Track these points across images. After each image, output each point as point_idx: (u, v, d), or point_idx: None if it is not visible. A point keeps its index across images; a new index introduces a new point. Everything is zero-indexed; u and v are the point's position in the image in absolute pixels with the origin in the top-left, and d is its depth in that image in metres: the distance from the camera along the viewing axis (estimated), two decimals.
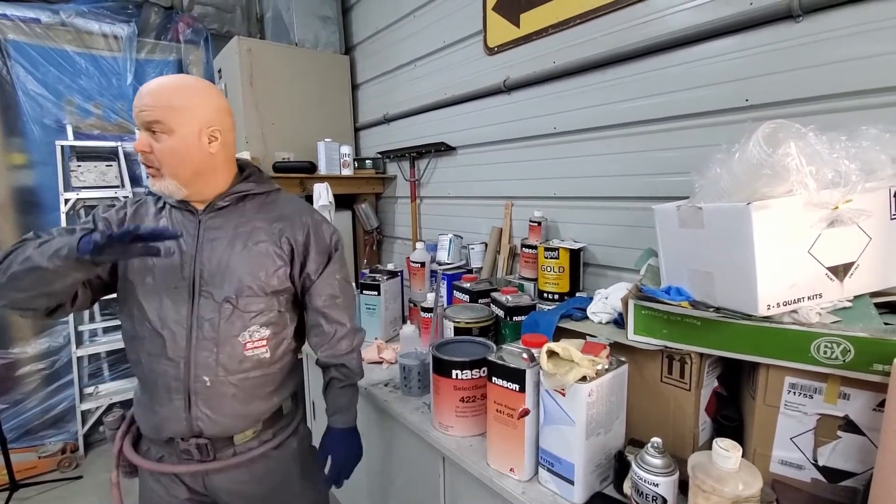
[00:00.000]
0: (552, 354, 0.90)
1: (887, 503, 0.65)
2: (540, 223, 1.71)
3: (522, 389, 0.96)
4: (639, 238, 1.48)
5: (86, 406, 2.73)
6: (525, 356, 0.99)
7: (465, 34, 2.03)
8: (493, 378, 1.01)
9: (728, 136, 0.92)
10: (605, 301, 1.18)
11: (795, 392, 0.83)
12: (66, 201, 2.61)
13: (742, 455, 0.73)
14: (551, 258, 1.56)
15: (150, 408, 1.04)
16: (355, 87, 2.90)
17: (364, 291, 1.90)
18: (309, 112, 2.70)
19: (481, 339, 1.32)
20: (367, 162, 2.66)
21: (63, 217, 2.60)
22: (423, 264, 1.96)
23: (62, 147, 2.61)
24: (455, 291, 1.73)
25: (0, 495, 2.36)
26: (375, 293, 1.88)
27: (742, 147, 0.83)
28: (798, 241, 0.82)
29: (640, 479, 0.81)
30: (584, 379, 0.87)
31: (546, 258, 1.58)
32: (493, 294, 1.53)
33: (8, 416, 2.58)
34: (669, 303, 0.92)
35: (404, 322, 1.88)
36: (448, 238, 2.06)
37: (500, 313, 1.43)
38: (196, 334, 1.00)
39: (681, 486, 0.81)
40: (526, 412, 0.96)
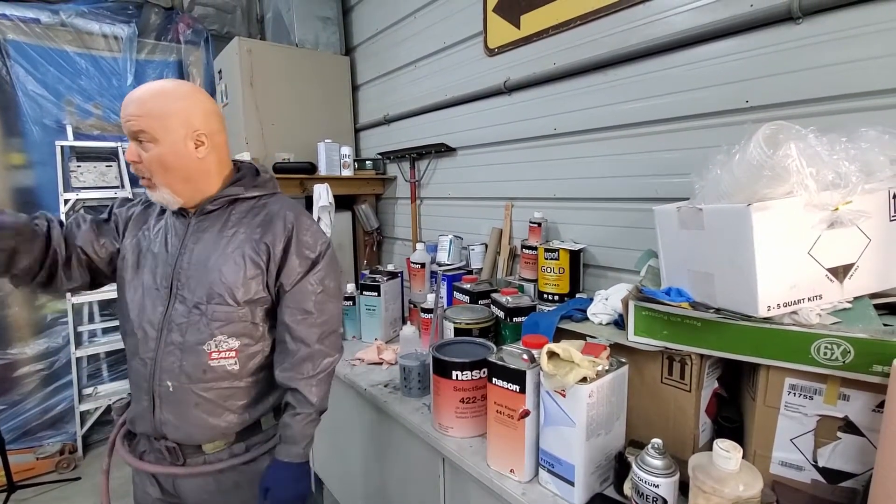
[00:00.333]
0: (552, 355, 0.90)
1: None
2: (540, 224, 1.71)
3: (523, 390, 0.96)
4: (639, 239, 1.48)
5: (85, 407, 2.72)
6: (525, 357, 0.99)
7: (466, 35, 2.03)
8: (494, 379, 1.01)
9: (728, 138, 0.93)
10: (606, 302, 1.18)
11: (795, 393, 0.83)
12: (66, 201, 2.61)
13: (742, 456, 0.73)
14: (551, 259, 1.56)
15: (132, 401, 1.07)
16: (356, 88, 2.91)
17: (364, 292, 1.90)
18: (309, 113, 2.70)
19: (481, 340, 1.32)
20: (368, 163, 2.66)
21: (63, 217, 2.59)
22: (424, 265, 1.96)
23: (62, 147, 2.61)
24: (455, 292, 1.73)
25: None
26: (375, 294, 1.88)
27: (742, 148, 0.83)
28: (798, 243, 0.82)
29: (641, 481, 0.81)
30: (585, 380, 0.87)
31: (546, 259, 1.58)
32: (494, 295, 1.54)
33: (6, 417, 2.58)
34: (670, 304, 0.92)
35: (404, 323, 1.88)
36: (448, 239, 2.06)
37: (501, 314, 1.43)
38: (165, 338, 1.00)
39: (681, 488, 0.81)
40: (526, 413, 0.96)
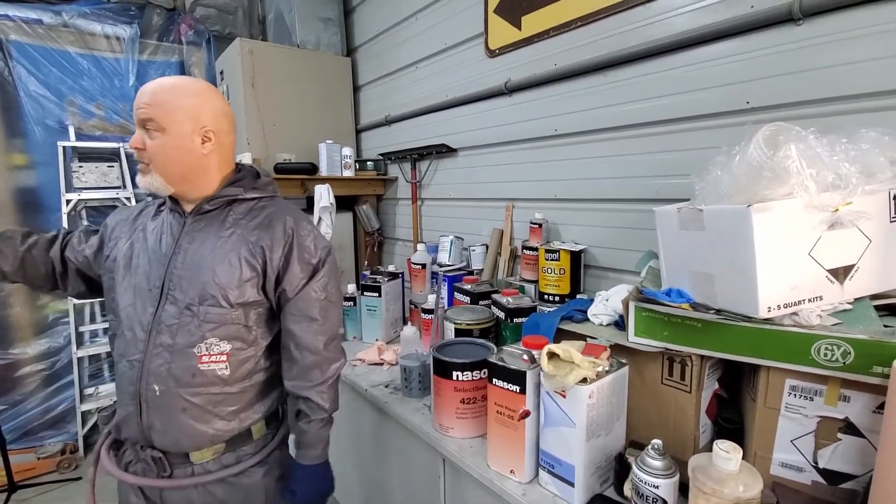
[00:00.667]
0: (553, 356, 0.90)
1: None
2: (541, 225, 1.71)
3: (523, 391, 0.96)
4: (639, 240, 1.48)
5: (86, 407, 2.73)
6: (525, 358, 0.99)
7: (467, 36, 2.03)
8: (494, 380, 1.01)
9: (729, 139, 0.93)
10: (606, 303, 1.18)
11: (796, 394, 0.83)
12: (68, 202, 2.62)
13: (742, 457, 0.74)
14: (552, 260, 1.56)
15: (118, 406, 1.04)
16: (357, 89, 2.91)
17: (365, 293, 1.90)
18: (310, 114, 2.71)
19: (482, 341, 1.32)
20: (369, 163, 2.66)
21: (64, 218, 2.60)
22: (424, 266, 1.96)
23: (64, 148, 2.62)
24: (456, 293, 1.73)
25: None
26: (376, 295, 1.88)
27: (743, 149, 0.83)
28: (798, 244, 0.82)
29: (641, 481, 0.81)
30: (585, 381, 0.88)
31: (547, 260, 1.58)
32: (494, 296, 1.54)
33: (7, 417, 2.58)
34: (670, 305, 0.92)
35: (405, 323, 1.88)
36: (449, 240, 2.06)
37: (501, 315, 1.43)
38: (154, 339, 0.98)
39: (681, 489, 0.81)
40: (526, 414, 0.96)
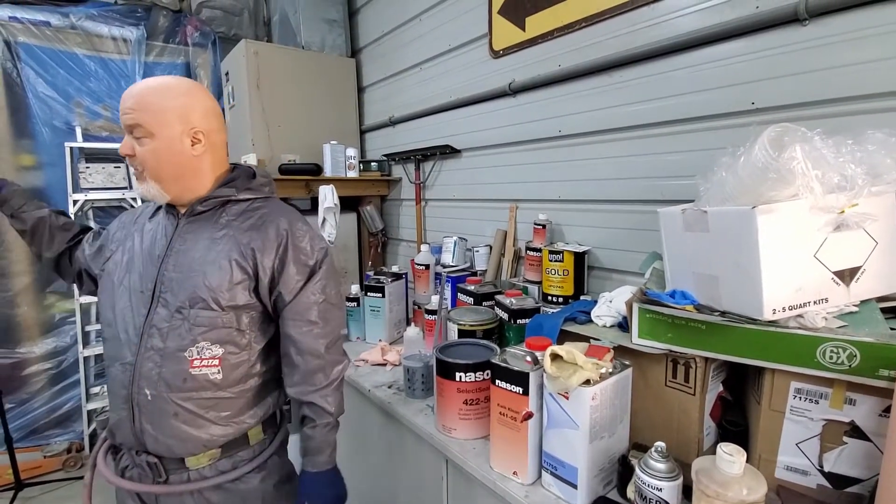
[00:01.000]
0: (556, 357, 0.90)
1: None
2: (544, 226, 1.71)
3: (526, 392, 0.96)
4: (644, 241, 1.48)
5: (92, 406, 2.74)
6: (529, 359, 0.99)
7: (471, 37, 2.03)
8: (497, 381, 1.01)
9: (734, 140, 0.92)
10: (610, 304, 1.18)
11: (801, 397, 0.83)
12: (75, 202, 2.64)
13: (747, 460, 0.73)
14: (556, 261, 1.56)
15: (111, 410, 1.03)
16: (361, 90, 2.92)
17: (368, 293, 1.91)
18: (315, 114, 2.72)
19: (485, 342, 1.32)
20: (373, 164, 2.67)
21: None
22: (428, 266, 1.96)
23: (71, 149, 2.64)
24: (459, 294, 1.73)
25: (5, 494, 2.38)
26: (380, 295, 1.88)
27: (747, 151, 0.83)
28: (804, 245, 0.82)
29: (644, 484, 0.81)
30: (588, 382, 0.87)
31: (550, 261, 1.58)
32: (498, 297, 1.54)
33: (14, 416, 2.60)
34: (674, 306, 0.92)
35: (408, 324, 1.88)
36: (452, 240, 2.06)
37: (504, 316, 1.43)
38: (145, 343, 0.96)
39: (685, 491, 0.81)
40: (529, 415, 0.96)
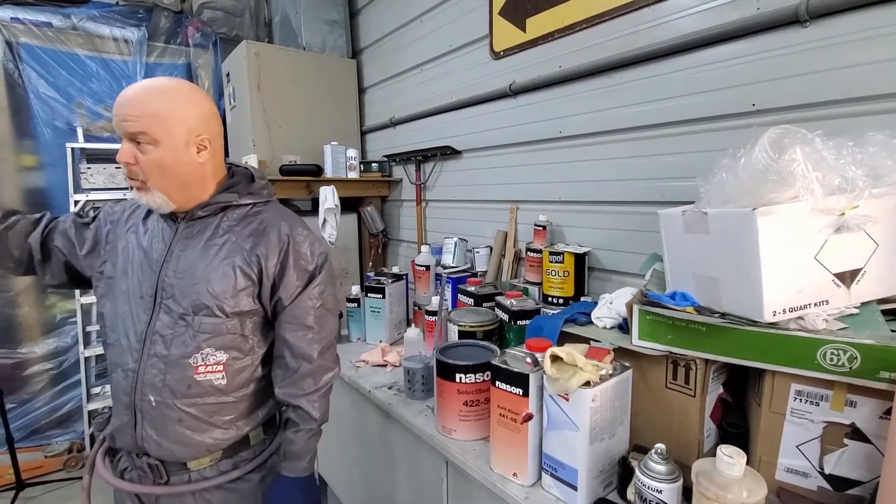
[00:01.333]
0: (556, 359, 0.90)
1: None
2: (545, 227, 1.71)
3: (526, 394, 0.96)
4: (644, 243, 1.47)
5: (93, 406, 2.74)
6: (529, 360, 0.99)
7: (472, 38, 2.03)
8: (497, 382, 1.01)
9: (734, 141, 0.92)
10: (610, 306, 1.18)
11: (801, 399, 0.83)
12: (76, 202, 2.64)
13: (747, 462, 0.73)
14: (556, 262, 1.56)
15: (112, 415, 1.02)
16: (362, 91, 2.92)
17: (369, 294, 1.91)
18: (316, 115, 2.72)
19: (485, 343, 1.31)
20: (374, 165, 2.67)
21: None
22: (428, 267, 1.96)
23: (72, 149, 2.64)
24: (459, 295, 1.73)
25: (6, 494, 2.38)
26: (380, 296, 1.88)
27: (748, 152, 0.83)
28: (804, 247, 0.82)
29: (644, 486, 0.81)
30: (588, 384, 0.87)
31: (551, 262, 1.58)
32: (498, 298, 1.53)
33: (15, 416, 2.60)
34: (674, 308, 0.92)
35: (409, 325, 1.89)
36: (453, 241, 2.06)
37: (505, 317, 1.43)
38: (148, 349, 0.95)
39: (685, 493, 0.81)
40: (529, 417, 0.96)
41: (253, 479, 1.06)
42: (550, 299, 1.59)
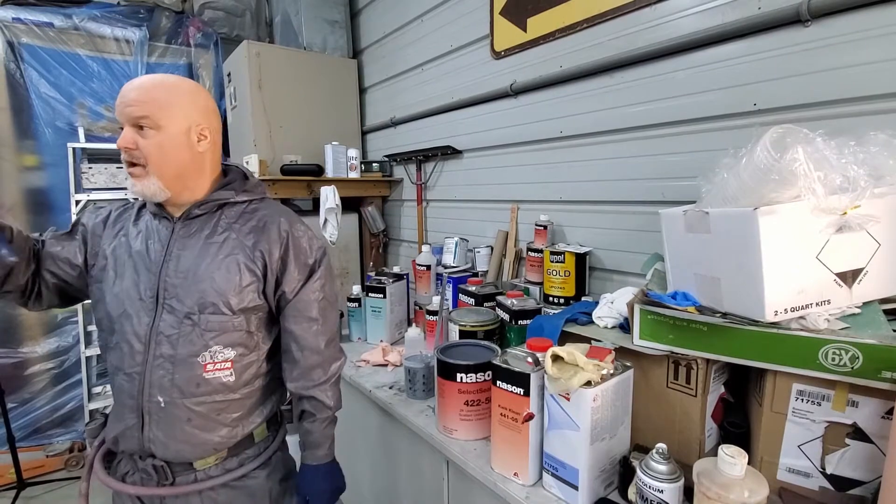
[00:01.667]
0: (557, 359, 0.90)
1: None
2: (546, 227, 1.71)
3: (527, 393, 0.96)
4: (645, 242, 1.47)
5: (94, 405, 2.74)
6: (530, 360, 0.99)
7: (473, 38, 2.03)
8: (498, 382, 1.01)
9: (735, 141, 0.92)
10: (611, 305, 1.18)
11: (803, 399, 0.83)
12: (78, 202, 2.64)
13: (749, 462, 0.73)
14: (557, 262, 1.56)
15: (113, 419, 1.01)
16: (363, 91, 2.92)
17: (370, 294, 1.91)
18: (317, 115, 2.72)
19: (486, 343, 1.31)
20: (374, 165, 2.67)
21: (74, 218, 2.62)
22: (429, 267, 1.96)
23: (74, 149, 2.64)
24: (460, 294, 1.73)
25: (7, 493, 2.39)
26: (381, 296, 1.88)
27: (749, 152, 0.83)
28: (806, 247, 0.82)
29: (645, 485, 0.81)
30: (589, 384, 0.87)
31: (552, 262, 1.58)
32: (499, 298, 1.53)
33: (17, 415, 2.60)
34: (676, 308, 0.92)
35: (409, 325, 1.89)
36: (454, 241, 2.06)
37: (506, 317, 1.43)
38: (153, 351, 0.95)
39: (686, 493, 0.81)
40: (530, 416, 0.96)
41: (259, 476, 1.07)
42: (551, 299, 1.59)
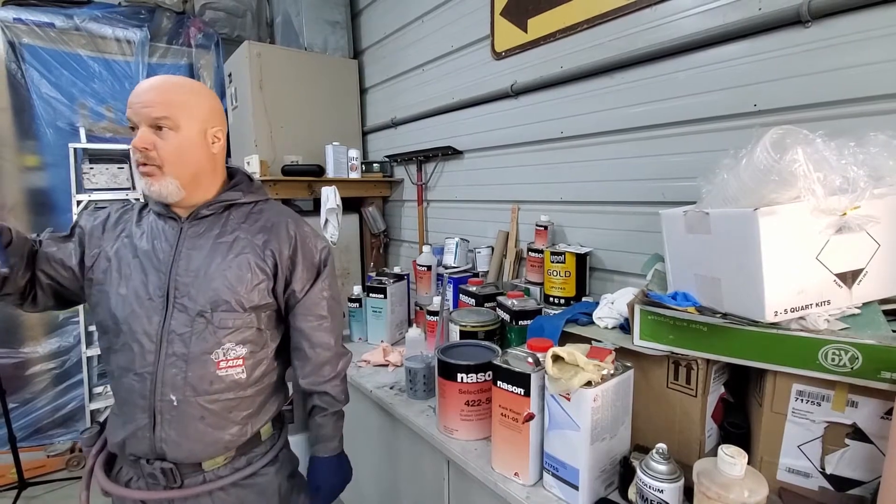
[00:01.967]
0: (557, 359, 0.90)
1: None
2: (546, 227, 1.71)
3: (527, 394, 0.96)
4: (645, 243, 1.48)
5: (95, 405, 2.75)
6: (530, 360, 0.99)
7: (473, 39, 2.04)
8: (499, 382, 1.01)
9: (736, 142, 0.92)
10: (612, 306, 1.18)
11: (803, 399, 0.83)
12: (79, 203, 2.65)
13: (748, 462, 0.73)
14: (557, 262, 1.56)
15: (118, 423, 1.00)
16: (364, 91, 2.92)
17: (370, 294, 1.91)
18: (317, 116, 2.72)
19: (487, 343, 1.32)
20: (375, 165, 2.67)
21: (75, 218, 2.63)
22: (430, 268, 1.96)
23: (75, 149, 2.64)
24: (461, 295, 1.73)
25: (9, 493, 2.39)
26: (382, 296, 1.89)
27: (749, 153, 0.83)
28: (806, 248, 0.82)
29: (645, 485, 0.81)
30: (590, 384, 0.87)
31: (552, 262, 1.58)
32: (499, 298, 1.54)
33: (18, 415, 2.61)
34: (676, 308, 0.92)
35: (410, 325, 1.89)
36: (454, 242, 2.06)
37: (506, 317, 1.43)
38: (165, 349, 0.95)
39: (686, 493, 0.81)
40: (531, 416, 0.96)
41: (268, 473, 1.08)
42: (552, 299, 1.60)
